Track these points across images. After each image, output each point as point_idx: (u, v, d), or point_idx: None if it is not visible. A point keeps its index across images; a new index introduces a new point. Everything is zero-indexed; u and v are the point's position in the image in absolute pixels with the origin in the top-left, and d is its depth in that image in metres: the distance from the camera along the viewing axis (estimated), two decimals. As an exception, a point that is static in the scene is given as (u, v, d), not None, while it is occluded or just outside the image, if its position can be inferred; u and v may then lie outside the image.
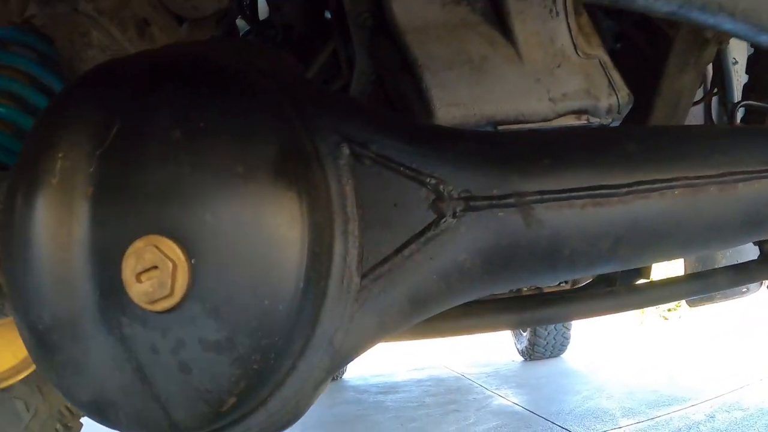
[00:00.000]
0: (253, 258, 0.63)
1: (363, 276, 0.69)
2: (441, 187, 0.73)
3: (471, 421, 4.29)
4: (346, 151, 0.70)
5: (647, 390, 4.89)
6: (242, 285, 0.63)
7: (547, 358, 6.92)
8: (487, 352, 7.66)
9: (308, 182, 0.65)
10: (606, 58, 1.36)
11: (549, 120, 1.28)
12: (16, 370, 1.39)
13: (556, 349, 6.89)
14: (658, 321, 10.56)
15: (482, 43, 1.28)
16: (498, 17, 1.31)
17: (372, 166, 0.72)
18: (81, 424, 1.97)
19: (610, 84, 1.32)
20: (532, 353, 6.89)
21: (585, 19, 1.41)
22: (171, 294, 0.63)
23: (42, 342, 0.71)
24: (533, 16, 1.30)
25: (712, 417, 3.98)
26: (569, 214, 0.77)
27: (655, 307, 12.27)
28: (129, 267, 0.64)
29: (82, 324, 0.68)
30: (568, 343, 6.92)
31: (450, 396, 5.46)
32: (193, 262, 0.63)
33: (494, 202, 0.74)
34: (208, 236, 0.63)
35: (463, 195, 0.74)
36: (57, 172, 0.69)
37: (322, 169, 0.68)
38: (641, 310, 12.21)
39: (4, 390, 1.64)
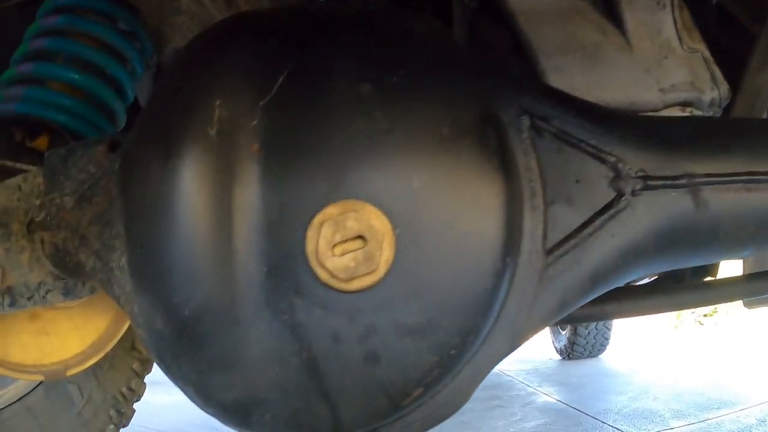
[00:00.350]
0: (458, 229, 0.57)
1: (548, 253, 0.66)
2: (620, 165, 0.71)
3: (518, 418, 4.25)
4: (527, 122, 0.68)
5: (693, 393, 4.82)
6: (447, 260, 0.57)
7: (586, 357, 6.84)
8: (523, 349, 7.54)
9: (505, 150, 0.61)
10: (707, 54, 1.39)
11: (657, 110, 1.30)
12: (83, 356, 1.27)
13: (596, 349, 6.81)
14: (694, 326, 10.47)
15: (593, 30, 1.29)
16: (607, 5, 1.33)
17: (552, 140, 0.69)
18: (134, 410, 1.94)
19: (713, 78, 1.37)
20: (571, 352, 6.81)
21: (686, 13, 1.47)
22: (375, 270, 0.56)
23: (185, 332, 0.61)
24: (642, 7, 1.33)
25: (763, 421, 3.92)
26: (728, 197, 0.78)
27: (691, 311, 12.17)
28: (324, 237, 0.56)
29: (240, 308, 0.59)
30: (608, 343, 6.83)
31: (492, 391, 5.40)
32: (397, 232, 0.56)
33: (668, 182, 0.73)
34: (413, 203, 0.56)
35: (639, 174, 0.72)
36: (215, 122, 0.59)
37: (509, 140, 0.64)
38: (677, 314, 12.13)
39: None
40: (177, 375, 0.65)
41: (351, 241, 0.56)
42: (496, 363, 0.66)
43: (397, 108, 0.58)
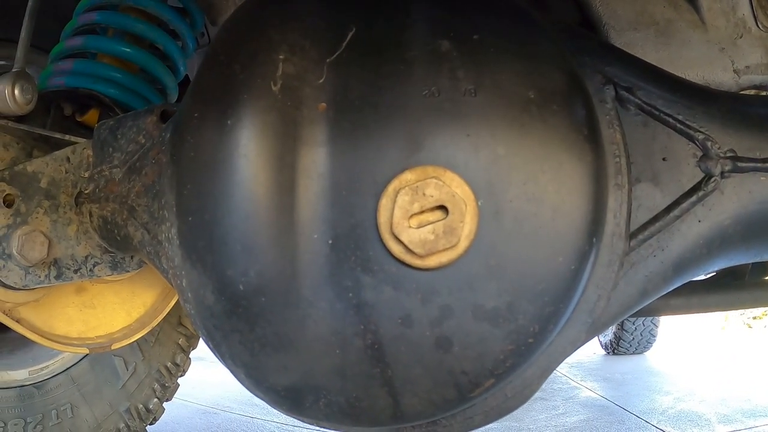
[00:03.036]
0: (544, 203, 0.52)
1: (631, 237, 0.61)
2: (709, 143, 0.66)
3: (560, 411, 4.15)
4: (611, 93, 0.62)
5: (741, 398, 4.64)
6: (531, 237, 0.51)
7: (631, 354, 6.68)
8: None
9: (592, 121, 0.56)
10: None
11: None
12: (129, 331, 1.28)
13: (641, 345, 6.64)
14: (742, 328, 10.17)
15: (665, 6, 1.21)
16: (680, -21, 1.25)
17: (638, 114, 0.64)
18: (178, 385, 1.96)
19: None
20: (616, 347, 6.65)
21: (762, -9, 1.34)
22: (456, 245, 0.50)
23: (239, 307, 0.57)
24: (716, -18, 1.25)
25: (814, 432, 3.74)
26: None
27: (740, 313, 11.84)
28: (400, 206, 0.50)
29: (300, 284, 0.54)
30: (654, 340, 6.66)
31: (533, 384, 5.33)
32: (480, 204, 0.51)
33: (758, 165, 0.67)
34: (498, 172, 0.51)
35: (729, 155, 0.66)
36: (278, 78, 0.54)
37: (595, 111, 0.59)
38: (725, 315, 11.82)
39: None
40: (226, 355, 0.61)
41: (430, 211, 0.50)
42: (570, 354, 0.61)
43: (480, 67, 0.53)
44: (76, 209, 1.01)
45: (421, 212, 0.50)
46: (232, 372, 0.62)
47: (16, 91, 1.06)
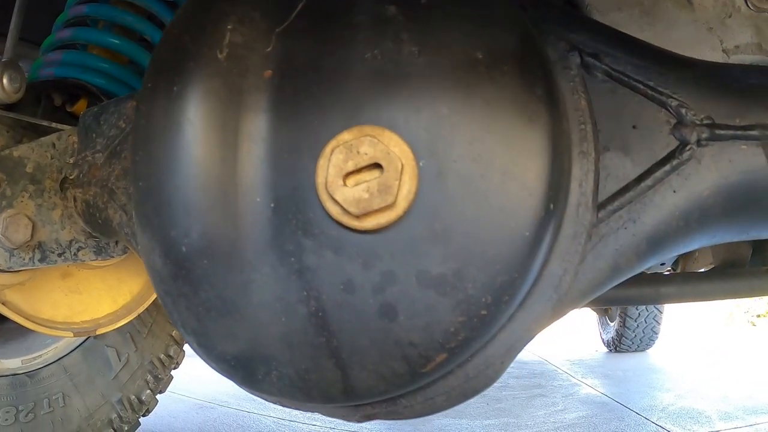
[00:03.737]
0: (493, 165, 0.50)
1: (599, 208, 0.58)
2: (683, 110, 0.63)
3: (559, 408, 4.13)
4: (576, 60, 0.61)
5: (743, 396, 4.62)
6: (479, 200, 0.49)
7: (633, 351, 6.65)
8: (568, 340, 7.37)
9: (549, 82, 0.54)
10: None
11: (721, 73, 1.20)
12: (115, 317, 1.29)
13: (644, 342, 6.60)
14: (745, 326, 10.14)
15: None
16: (665, -43, 1.23)
17: (606, 80, 0.61)
18: (171, 377, 1.95)
19: None
20: (618, 345, 6.63)
21: (752, -31, 1.32)
22: (393, 204, 0.48)
23: (183, 270, 0.56)
24: (703, -41, 1.23)
25: (816, 430, 3.71)
26: None
27: (744, 311, 11.83)
28: (335, 164, 0.49)
29: (242, 247, 0.53)
30: (657, 337, 6.62)
31: (534, 380, 5.28)
32: (421, 164, 0.49)
33: (738, 132, 0.64)
34: (441, 133, 0.49)
35: (705, 122, 0.63)
36: (225, 46, 0.55)
37: (555, 75, 0.57)
38: (729, 312, 11.80)
39: (97, 337, 1.61)
40: (178, 321, 0.60)
41: (366, 170, 0.49)
42: (536, 333, 0.58)
43: (426, 29, 0.52)
44: (61, 194, 1.02)
45: (358, 171, 0.49)
46: (187, 341, 0.61)
47: (5, 80, 1.07)
